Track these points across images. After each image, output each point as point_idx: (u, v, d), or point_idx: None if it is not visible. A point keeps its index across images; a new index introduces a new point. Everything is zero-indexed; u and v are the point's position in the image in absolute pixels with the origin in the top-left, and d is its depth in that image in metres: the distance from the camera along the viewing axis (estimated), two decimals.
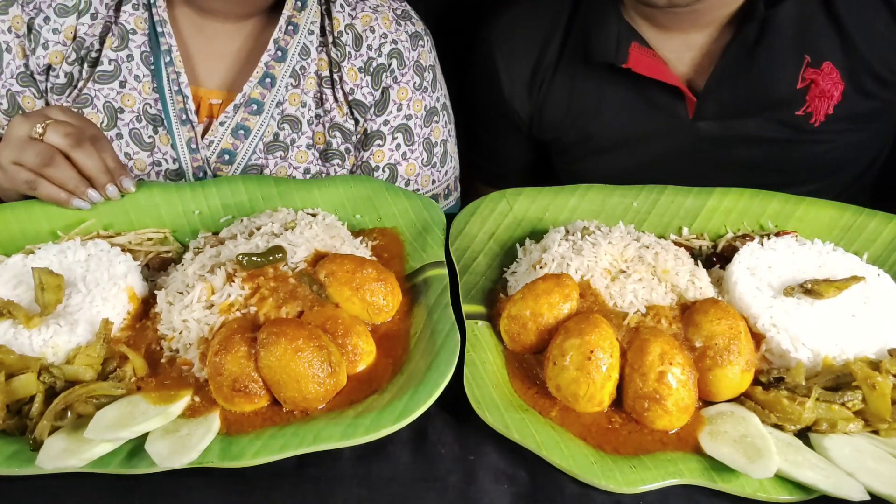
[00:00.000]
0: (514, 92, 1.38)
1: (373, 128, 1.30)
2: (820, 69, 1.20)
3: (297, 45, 1.26)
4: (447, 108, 1.39)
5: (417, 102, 1.32)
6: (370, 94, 1.28)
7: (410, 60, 1.30)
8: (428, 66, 1.34)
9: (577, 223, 1.02)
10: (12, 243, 1.01)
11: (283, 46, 1.25)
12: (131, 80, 1.23)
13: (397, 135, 1.30)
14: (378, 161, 1.30)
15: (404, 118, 1.31)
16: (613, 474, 0.73)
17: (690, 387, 0.79)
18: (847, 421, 0.77)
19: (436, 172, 1.37)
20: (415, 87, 1.31)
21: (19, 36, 1.22)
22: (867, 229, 1.04)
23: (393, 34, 1.29)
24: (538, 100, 1.38)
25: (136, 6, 1.22)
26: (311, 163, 1.29)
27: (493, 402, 0.80)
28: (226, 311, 0.85)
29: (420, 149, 1.33)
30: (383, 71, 1.28)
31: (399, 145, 1.31)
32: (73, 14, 1.21)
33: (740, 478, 0.73)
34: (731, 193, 1.08)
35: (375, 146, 1.30)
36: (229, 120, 1.23)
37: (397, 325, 0.90)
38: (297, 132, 1.27)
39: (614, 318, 0.85)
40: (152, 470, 0.73)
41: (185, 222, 1.07)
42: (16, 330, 0.84)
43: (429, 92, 1.33)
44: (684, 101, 1.26)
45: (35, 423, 0.76)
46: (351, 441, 0.74)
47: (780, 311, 0.87)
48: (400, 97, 1.30)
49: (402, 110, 1.30)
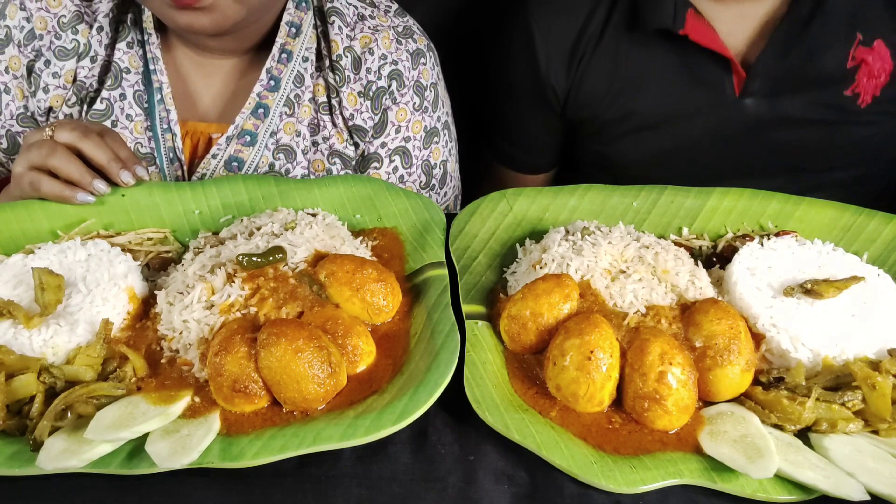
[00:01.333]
0: (550, 66, 1.32)
1: (370, 150, 1.27)
2: (871, 47, 1.18)
3: (292, 73, 1.24)
4: (448, 127, 1.37)
5: (417, 124, 1.29)
6: (370, 119, 1.26)
7: (411, 80, 1.28)
8: (429, 85, 1.31)
9: (577, 223, 1.02)
10: (12, 243, 1.01)
11: (276, 76, 1.23)
12: (123, 119, 1.22)
13: (395, 157, 1.28)
14: None
15: (402, 140, 1.28)
16: (613, 474, 0.73)
17: (690, 387, 0.79)
18: (847, 421, 0.77)
19: (434, 195, 1.35)
20: (414, 107, 1.28)
21: (17, 77, 1.22)
22: (867, 229, 1.04)
23: (393, 54, 1.26)
24: (577, 74, 1.32)
25: (130, 44, 1.22)
26: None
27: (493, 402, 0.80)
28: (226, 311, 0.85)
29: (418, 171, 1.31)
30: (383, 94, 1.25)
31: (396, 168, 1.29)
32: (73, 57, 1.21)
33: (740, 478, 0.73)
34: (730, 193, 1.08)
35: (372, 168, 1.28)
36: (221, 152, 1.22)
37: (397, 326, 0.90)
38: (291, 162, 1.25)
39: (614, 318, 0.85)
40: (152, 470, 0.73)
41: (185, 222, 1.06)
42: (16, 330, 0.84)
43: (429, 112, 1.31)
44: (731, 76, 1.24)
45: (35, 424, 0.76)
46: (351, 442, 0.74)
47: (780, 311, 0.87)
48: (399, 119, 1.27)
49: (401, 132, 1.28)
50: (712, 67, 1.24)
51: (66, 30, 1.20)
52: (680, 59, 1.25)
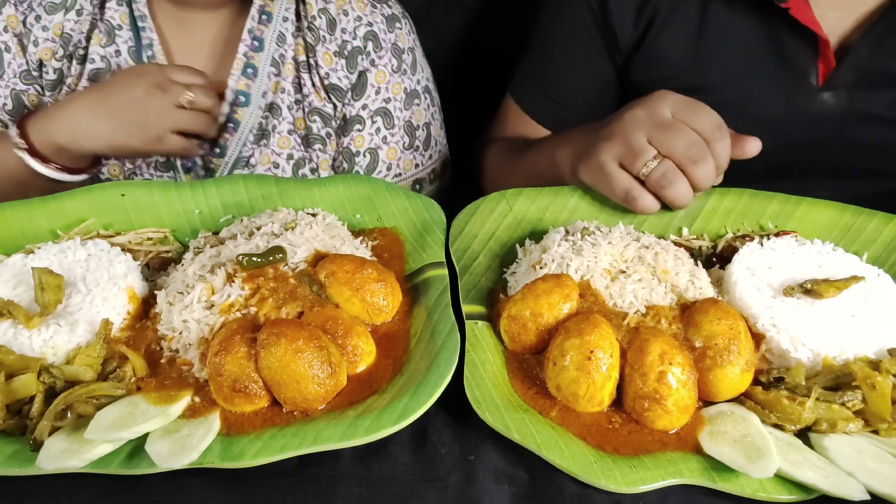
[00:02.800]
0: (617, 7, 1.24)
1: (352, 113, 1.30)
2: None
3: (274, 34, 1.26)
4: (430, 92, 1.38)
5: (396, 85, 1.31)
6: (346, 78, 1.28)
7: (387, 43, 1.30)
8: (406, 49, 1.33)
9: (577, 223, 1.02)
10: (12, 243, 1.01)
11: (258, 36, 1.26)
12: None
13: (377, 118, 1.30)
14: (358, 146, 1.31)
15: (383, 101, 1.30)
16: (613, 474, 0.73)
17: (690, 387, 0.78)
18: (847, 421, 0.77)
19: (419, 156, 1.36)
20: (393, 69, 1.30)
21: (16, 34, 1.24)
22: (867, 229, 1.04)
23: (368, 17, 1.29)
24: (651, 28, 1.24)
25: (119, 2, 1.24)
26: (294, 148, 1.29)
27: (493, 402, 0.80)
28: (226, 311, 0.85)
29: (401, 132, 1.33)
30: (359, 54, 1.28)
31: (379, 129, 1.31)
32: (61, 11, 1.23)
33: (740, 478, 0.73)
34: (730, 194, 1.08)
35: (355, 131, 1.30)
36: (221, 116, 1.24)
37: (397, 326, 0.90)
38: (278, 118, 1.28)
39: (614, 318, 0.85)
40: (152, 470, 0.73)
41: (185, 222, 1.06)
42: (16, 330, 0.83)
43: (408, 74, 1.33)
44: (817, 64, 1.18)
45: (35, 424, 0.76)
46: (351, 442, 0.74)
47: (779, 311, 0.87)
48: (378, 80, 1.30)
49: (381, 93, 1.30)
50: (801, 50, 1.17)
51: None
52: (769, 36, 1.19)
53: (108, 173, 1.29)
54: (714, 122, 0.98)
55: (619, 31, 1.26)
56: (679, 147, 0.96)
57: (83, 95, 1.16)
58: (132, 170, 1.29)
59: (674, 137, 0.97)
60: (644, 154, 0.98)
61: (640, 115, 1.00)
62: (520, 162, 1.32)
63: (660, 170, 0.98)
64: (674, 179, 0.98)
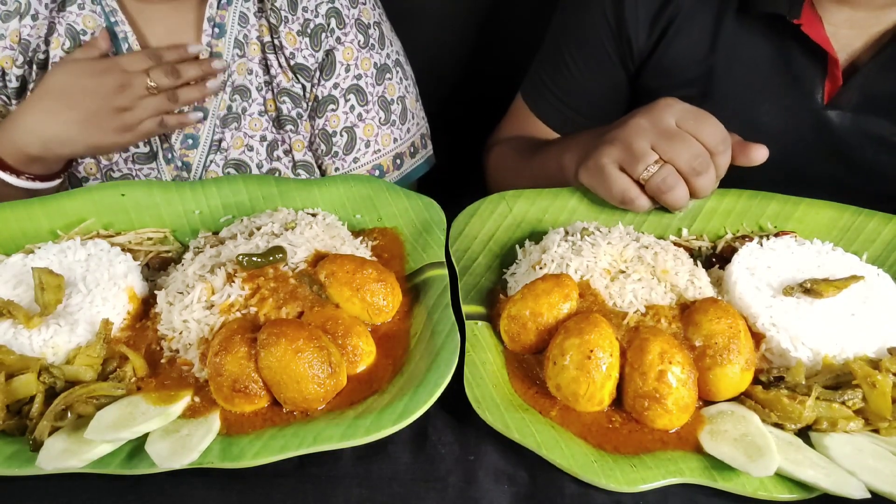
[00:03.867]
0: (633, 14, 1.24)
1: (323, 93, 1.29)
2: None
3: (235, 16, 1.26)
4: (401, 65, 1.37)
5: (365, 60, 1.30)
6: (311, 57, 1.28)
7: (351, 18, 1.29)
8: (372, 23, 1.32)
9: (577, 224, 1.02)
10: (12, 243, 1.01)
11: (219, 22, 1.25)
12: None
13: (349, 96, 1.30)
14: (334, 126, 1.30)
15: (354, 78, 1.30)
16: (614, 473, 0.73)
17: (690, 386, 0.79)
18: (847, 419, 0.77)
19: (396, 131, 1.35)
20: (360, 45, 1.30)
21: None
22: (866, 229, 1.04)
23: None
24: (665, 36, 1.24)
25: (81, 6, 1.23)
26: (266, 130, 1.29)
27: (493, 401, 0.80)
28: (226, 311, 0.85)
29: (375, 108, 1.32)
30: (322, 31, 1.27)
31: (353, 107, 1.30)
32: (16, 17, 1.22)
33: (741, 476, 0.73)
34: (729, 194, 1.08)
35: (329, 111, 1.30)
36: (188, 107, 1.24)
37: (397, 326, 0.90)
38: (247, 101, 1.28)
39: (614, 317, 0.85)
40: (152, 470, 0.73)
41: (185, 222, 1.06)
42: (16, 330, 0.83)
43: (376, 49, 1.32)
44: (825, 82, 1.18)
45: (35, 424, 0.76)
46: (351, 442, 0.74)
47: (779, 311, 0.87)
48: (346, 58, 1.29)
49: (351, 70, 1.30)
50: (810, 67, 1.18)
51: None
52: (779, 52, 1.19)
53: (84, 171, 1.29)
54: (719, 134, 0.98)
55: (634, 38, 1.27)
56: (684, 157, 0.97)
57: (42, 104, 1.16)
58: (109, 166, 1.28)
59: (679, 147, 0.97)
60: (645, 159, 0.99)
61: (644, 122, 1.01)
62: (527, 164, 1.33)
63: (661, 175, 0.99)
64: (674, 185, 0.98)
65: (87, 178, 1.29)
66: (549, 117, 1.39)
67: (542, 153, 1.31)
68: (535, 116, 1.41)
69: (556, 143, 1.31)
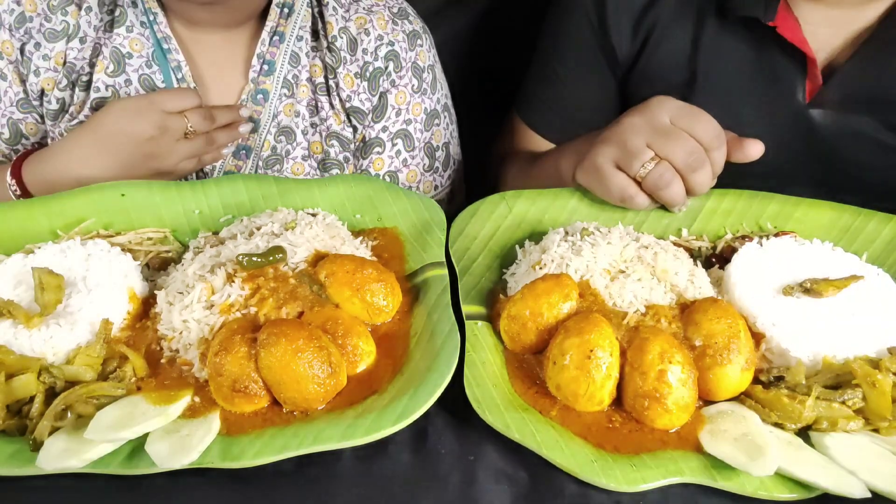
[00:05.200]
0: (615, 22, 1.26)
1: (371, 135, 1.27)
2: None
3: (286, 55, 1.23)
4: (448, 109, 1.36)
5: (417, 105, 1.28)
6: (368, 101, 1.25)
7: (408, 62, 1.27)
8: (427, 67, 1.30)
9: (577, 224, 1.02)
10: (12, 243, 1.01)
11: (269, 59, 1.22)
12: None
13: (397, 141, 1.28)
14: (378, 169, 1.28)
15: (403, 123, 1.28)
16: (614, 473, 0.73)
17: (690, 385, 0.78)
18: (847, 419, 0.77)
19: (438, 178, 1.34)
20: (413, 89, 1.27)
21: (12, 62, 1.20)
22: (866, 230, 1.04)
23: (389, 35, 1.25)
24: (648, 42, 1.26)
25: (130, 28, 1.20)
26: (308, 174, 1.27)
27: (493, 401, 0.79)
28: (226, 311, 0.85)
29: (421, 154, 1.30)
30: (380, 75, 1.25)
31: (399, 152, 1.28)
32: (63, 39, 1.19)
33: (741, 476, 0.73)
34: (729, 195, 1.08)
35: (375, 154, 1.27)
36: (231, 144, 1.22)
37: (397, 326, 0.90)
38: (291, 143, 1.25)
39: (614, 317, 0.85)
40: (152, 470, 0.73)
41: (185, 222, 1.06)
42: (16, 330, 0.83)
43: (428, 94, 1.30)
44: (805, 82, 1.18)
45: (35, 424, 0.75)
46: (351, 442, 0.74)
47: (779, 311, 0.87)
48: (398, 101, 1.26)
49: (401, 115, 1.27)
50: (790, 68, 1.19)
51: (55, 12, 1.19)
52: (757, 54, 1.20)
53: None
54: (714, 130, 0.99)
55: (618, 46, 1.28)
56: (679, 154, 0.97)
57: (81, 142, 1.12)
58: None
59: (674, 144, 0.98)
60: (641, 156, 0.99)
61: (638, 120, 1.01)
62: (529, 174, 1.34)
63: (657, 171, 0.99)
64: (671, 181, 0.99)
65: None
66: (547, 130, 1.40)
67: (538, 163, 1.33)
68: (531, 129, 1.42)
69: (551, 152, 1.33)
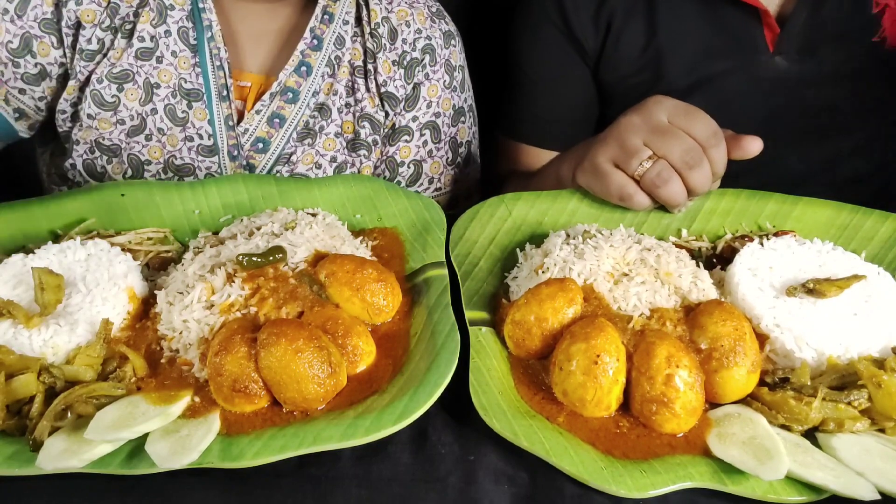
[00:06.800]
0: (577, 17, 1.33)
1: (401, 123, 1.30)
2: None
3: (333, 35, 1.26)
4: (473, 111, 1.40)
5: (447, 101, 1.33)
6: (402, 88, 1.29)
7: (442, 58, 1.31)
8: (458, 66, 1.35)
9: (578, 227, 1.02)
10: (12, 243, 1.01)
11: (318, 35, 1.25)
12: (168, 56, 1.21)
13: (425, 131, 1.32)
14: (404, 157, 1.32)
15: (433, 115, 1.32)
16: (624, 480, 0.72)
17: (698, 389, 0.78)
18: (854, 420, 0.77)
19: (459, 172, 1.38)
20: (445, 85, 1.32)
21: None
22: (864, 228, 1.05)
23: (427, 30, 1.30)
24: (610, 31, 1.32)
25: None
26: (339, 151, 1.28)
27: (499, 408, 0.79)
28: (226, 311, 0.85)
29: (446, 147, 1.34)
30: (416, 65, 1.29)
31: (426, 142, 1.32)
32: None
33: (750, 480, 0.72)
34: (727, 194, 1.08)
35: (403, 141, 1.31)
36: (265, 108, 1.23)
37: (397, 326, 0.90)
38: (326, 119, 1.27)
39: (619, 321, 0.84)
40: (152, 470, 0.72)
41: (185, 222, 1.06)
42: (16, 330, 0.83)
43: (458, 92, 1.34)
44: (763, 32, 1.24)
45: (35, 424, 0.75)
46: (351, 442, 0.73)
47: (783, 311, 0.86)
48: (430, 94, 1.31)
49: (432, 107, 1.31)
50: (747, 23, 1.24)
51: None
52: (714, 17, 1.25)
53: (147, 154, 1.24)
54: (710, 128, 0.99)
55: (583, 39, 1.34)
56: (676, 152, 0.98)
57: None
58: (172, 152, 1.23)
59: (671, 143, 0.98)
60: (639, 155, 1.00)
61: (636, 119, 1.02)
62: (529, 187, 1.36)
63: (654, 170, 0.99)
64: (668, 179, 0.99)
65: (150, 162, 1.24)
66: (541, 139, 1.44)
67: (538, 175, 1.37)
68: (527, 144, 1.45)
69: (550, 162, 1.37)
